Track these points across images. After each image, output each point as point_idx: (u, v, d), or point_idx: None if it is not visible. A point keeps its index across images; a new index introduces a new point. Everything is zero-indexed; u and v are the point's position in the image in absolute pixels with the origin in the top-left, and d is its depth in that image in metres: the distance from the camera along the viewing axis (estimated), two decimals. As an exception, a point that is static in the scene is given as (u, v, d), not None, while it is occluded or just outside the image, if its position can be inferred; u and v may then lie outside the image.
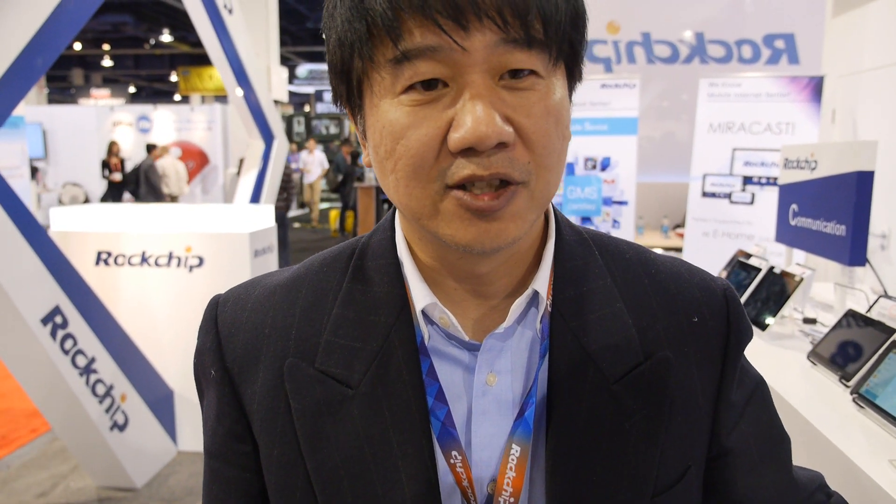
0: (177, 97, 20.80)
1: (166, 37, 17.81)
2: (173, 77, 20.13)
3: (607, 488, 0.57)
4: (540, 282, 0.59)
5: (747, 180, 4.44)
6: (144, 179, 9.20)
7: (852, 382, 1.49)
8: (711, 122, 4.57)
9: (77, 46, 18.48)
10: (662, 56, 5.67)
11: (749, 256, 2.47)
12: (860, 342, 1.56)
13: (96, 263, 3.39)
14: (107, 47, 19.64)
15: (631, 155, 4.69)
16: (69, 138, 12.01)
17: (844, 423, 1.35)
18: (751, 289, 2.18)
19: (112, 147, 10.83)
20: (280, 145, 5.90)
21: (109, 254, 3.39)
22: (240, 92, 5.21)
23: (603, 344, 0.59)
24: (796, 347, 1.90)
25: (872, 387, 1.38)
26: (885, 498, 1.06)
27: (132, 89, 23.84)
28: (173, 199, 9.76)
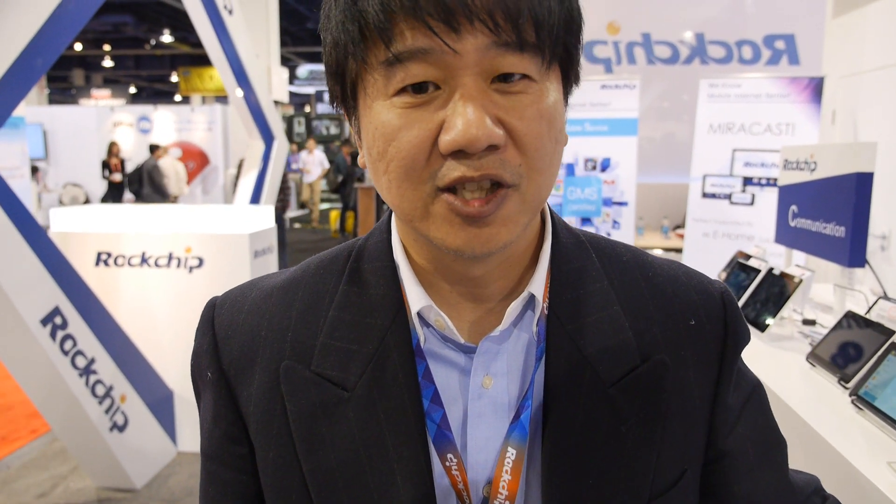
0: (177, 98, 20.80)
1: (167, 37, 17.81)
2: (174, 77, 20.14)
3: (603, 492, 0.57)
4: (536, 285, 0.59)
5: (747, 181, 4.44)
6: (148, 179, 9.18)
7: (851, 384, 1.49)
8: (711, 123, 4.57)
9: (78, 47, 18.49)
10: (663, 57, 5.66)
11: (748, 258, 2.46)
12: (859, 344, 1.56)
13: (96, 264, 3.39)
14: (107, 48, 19.64)
15: (631, 156, 4.69)
16: (70, 139, 12.00)
17: (843, 425, 1.35)
18: (750, 290, 2.18)
19: (112, 147, 10.83)
20: (280, 146, 5.90)
21: (109, 254, 3.39)
22: (240, 93, 5.21)
23: (599, 347, 0.58)
24: (795, 349, 1.90)
25: (871, 388, 1.38)
26: (884, 500, 1.06)
27: (133, 90, 23.83)
28: (174, 200, 9.75)
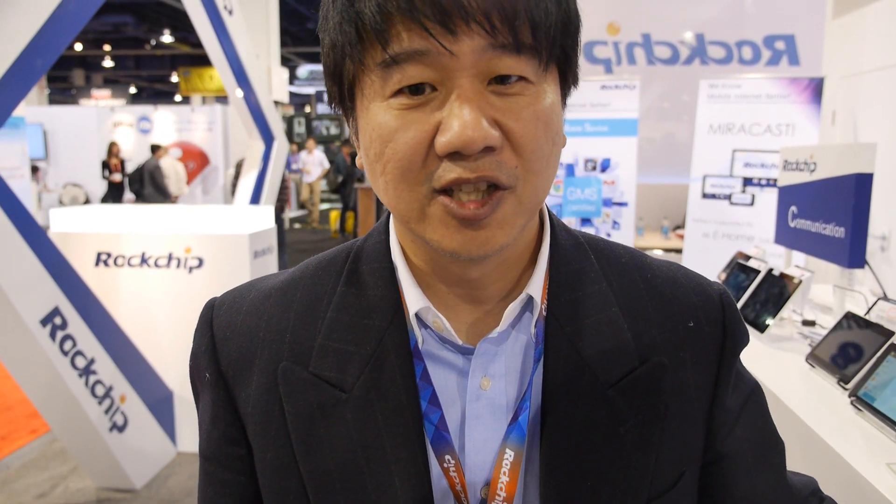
0: (177, 98, 20.80)
1: (167, 37, 17.81)
2: (174, 78, 20.13)
3: (601, 493, 0.57)
4: (534, 286, 0.59)
5: (747, 182, 4.44)
6: (150, 179, 9.17)
7: (851, 385, 1.49)
8: (711, 124, 4.57)
9: (78, 47, 18.49)
10: (663, 57, 5.66)
11: (748, 258, 2.46)
12: (859, 345, 1.56)
13: (96, 264, 3.39)
14: (108, 48, 19.64)
15: (631, 156, 4.69)
16: (70, 139, 12.00)
17: (842, 426, 1.35)
18: (750, 291, 2.18)
19: (112, 148, 10.83)
20: (280, 146, 5.90)
21: (109, 255, 3.39)
22: (240, 93, 5.21)
23: (598, 349, 0.58)
24: (795, 349, 1.90)
25: (871, 389, 1.38)
26: (883, 502, 1.06)
27: (133, 90, 23.83)
28: (175, 200, 9.75)
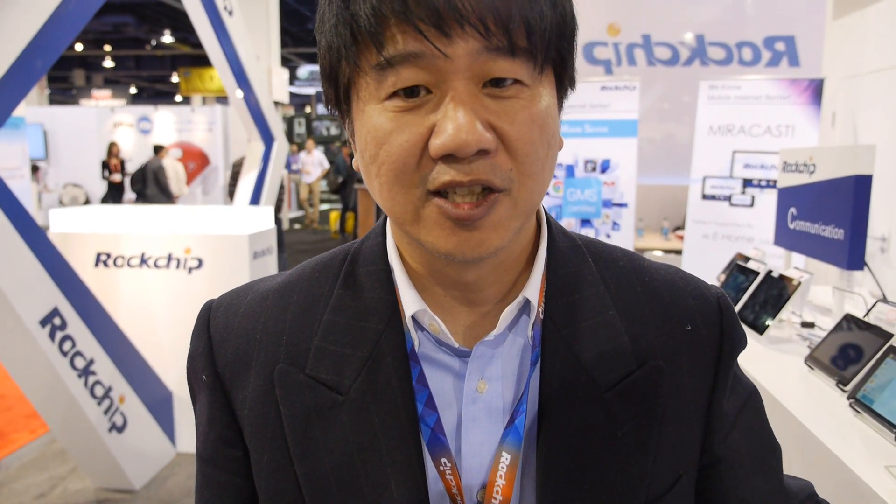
0: (178, 98, 20.81)
1: (167, 38, 17.82)
2: (174, 78, 20.13)
3: (598, 497, 0.56)
4: (531, 289, 0.59)
5: (747, 183, 4.44)
6: (153, 179, 9.17)
7: (849, 387, 1.49)
8: (711, 125, 4.57)
9: (78, 47, 18.50)
10: (663, 58, 5.66)
11: (748, 260, 2.46)
12: (858, 346, 1.56)
13: (95, 265, 3.39)
14: (108, 48, 19.65)
15: (631, 157, 4.69)
16: (70, 139, 12.00)
17: (841, 429, 1.34)
18: (749, 292, 2.18)
19: (112, 148, 10.82)
20: (280, 147, 5.90)
21: (109, 255, 3.39)
22: (240, 93, 5.21)
23: (595, 352, 0.58)
24: (794, 351, 1.89)
25: (869, 392, 1.37)
26: (881, 504, 1.06)
27: (133, 90, 23.84)
28: (176, 200, 9.75)
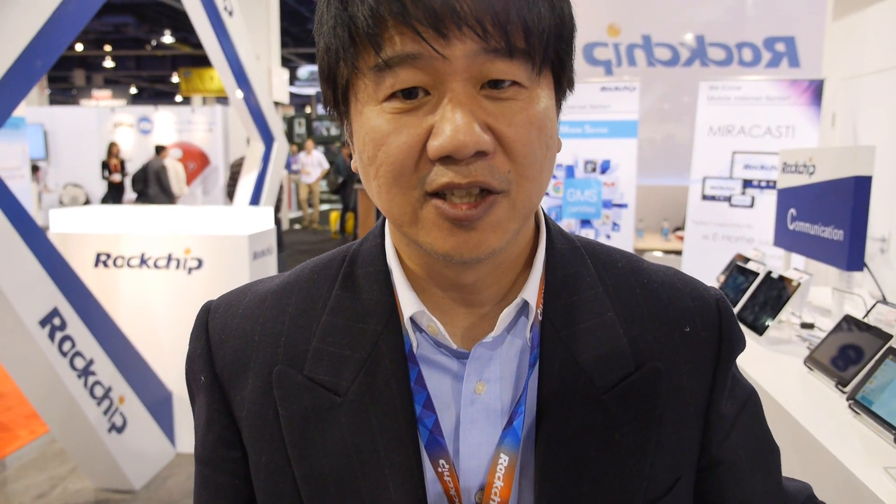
0: (178, 98, 20.81)
1: (168, 38, 17.83)
2: (175, 78, 20.13)
3: (597, 499, 0.56)
4: (529, 291, 0.59)
5: (747, 183, 4.44)
6: (156, 179, 9.16)
7: (848, 388, 1.49)
8: (711, 125, 4.57)
9: (79, 47, 18.50)
10: (663, 59, 5.66)
11: (747, 260, 2.46)
12: (857, 348, 1.56)
13: (95, 265, 3.39)
14: (108, 48, 19.66)
15: (631, 158, 4.69)
16: (70, 139, 12.01)
17: (840, 430, 1.34)
18: (749, 293, 2.18)
19: (112, 148, 10.82)
20: (280, 147, 5.90)
21: (108, 255, 3.39)
22: (240, 94, 5.21)
23: (593, 354, 0.58)
24: (793, 352, 1.89)
25: (868, 393, 1.37)
26: (880, 505, 1.06)
27: (134, 90, 23.83)
28: (176, 200, 9.75)
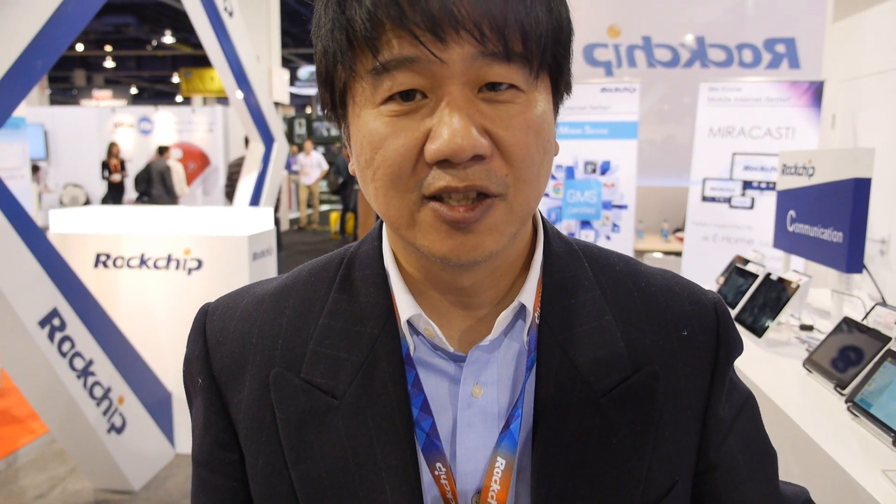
0: (178, 98, 20.82)
1: (168, 38, 17.83)
2: (175, 78, 20.13)
3: (594, 502, 0.56)
4: (526, 294, 0.59)
5: (747, 185, 4.44)
6: (160, 180, 9.15)
7: (847, 391, 1.49)
8: (711, 127, 4.57)
9: (79, 47, 18.51)
10: (663, 60, 5.66)
11: (747, 262, 2.46)
12: (856, 350, 1.56)
13: (95, 265, 3.39)
14: (109, 48, 19.66)
15: (631, 159, 4.69)
16: (71, 139, 12.02)
17: (839, 432, 1.34)
18: (748, 295, 2.18)
19: (112, 148, 10.82)
20: (280, 148, 5.90)
21: (108, 256, 3.39)
22: (240, 94, 5.22)
23: (591, 357, 0.58)
24: (792, 354, 1.89)
25: (867, 395, 1.37)
26: (879, 508, 1.06)
27: (134, 91, 23.83)
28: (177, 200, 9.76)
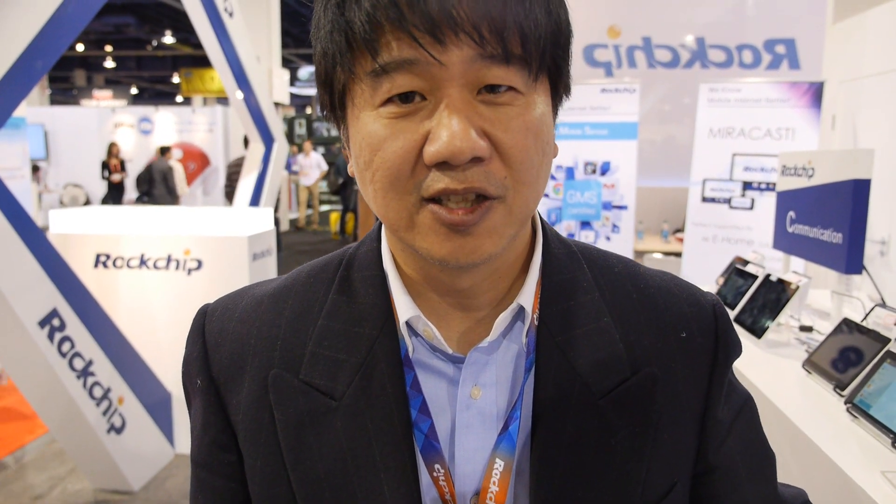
0: (179, 99, 20.82)
1: (168, 38, 17.83)
2: (175, 79, 20.13)
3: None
4: (525, 296, 0.59)
5: (747, 185, 4.44)
6: (162, 180, 9.14)
7: (847, 392, 1.49)
8: (711, 127, 4.57)
9: (79, 48, 18.51)
10: (663, 60, 5.67)
11: (746, 263, 2.46)
12: (855, 351, 1.56)
13: (95, 266, 3.39)
14: (109, 48, 19.66)
15: (631, 159, 4.69)
16: (71, 139, 12.02)
17: (838, 433, 1.34)
18: (748, 296, 2.18)
19: (112, 148, 10.81)
20: (280, 148, 5.90)
21: (108, 256, 3.39)
22: (240, 95, 5.22)
23: (590, 359, 0.58)
24: (792, 355, 1.89)
25: (866, 396, 1.37)
26: (878, 509, 1.06)
27: (134, 91, 23.82)
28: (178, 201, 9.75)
